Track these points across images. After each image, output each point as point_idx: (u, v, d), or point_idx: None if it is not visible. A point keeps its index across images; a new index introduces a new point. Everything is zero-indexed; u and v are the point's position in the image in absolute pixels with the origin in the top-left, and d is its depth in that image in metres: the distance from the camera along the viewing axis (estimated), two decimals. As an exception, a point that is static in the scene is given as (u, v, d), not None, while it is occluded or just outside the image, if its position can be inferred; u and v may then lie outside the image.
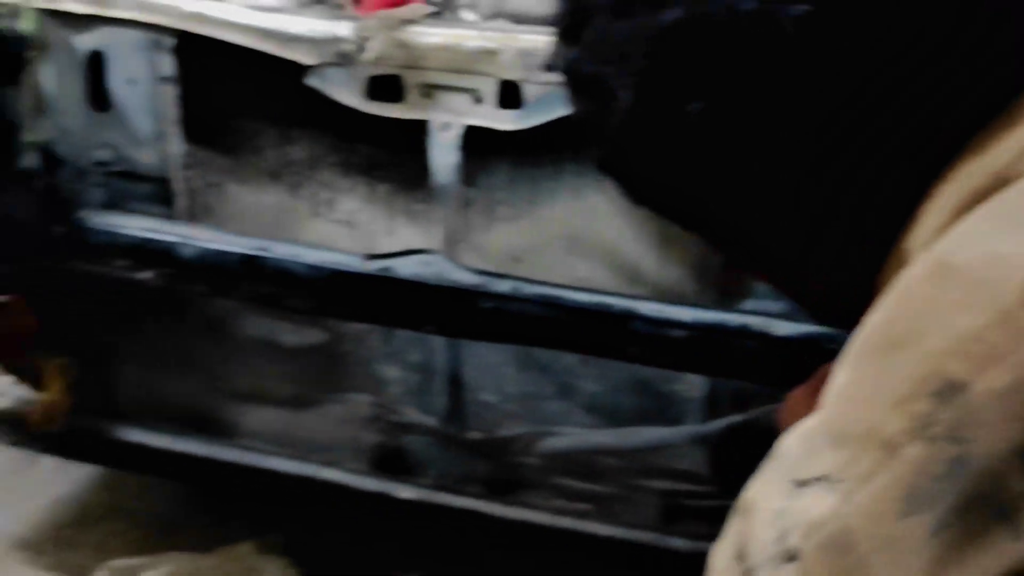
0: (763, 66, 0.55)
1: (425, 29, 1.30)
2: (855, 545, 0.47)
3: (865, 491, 0.47)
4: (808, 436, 0.54)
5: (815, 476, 0.51)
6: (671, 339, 1.08)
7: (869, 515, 0.47)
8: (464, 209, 1.41)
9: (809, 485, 0.51)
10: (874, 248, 0.58)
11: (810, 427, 0.55)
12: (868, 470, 0.47)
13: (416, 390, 1.53)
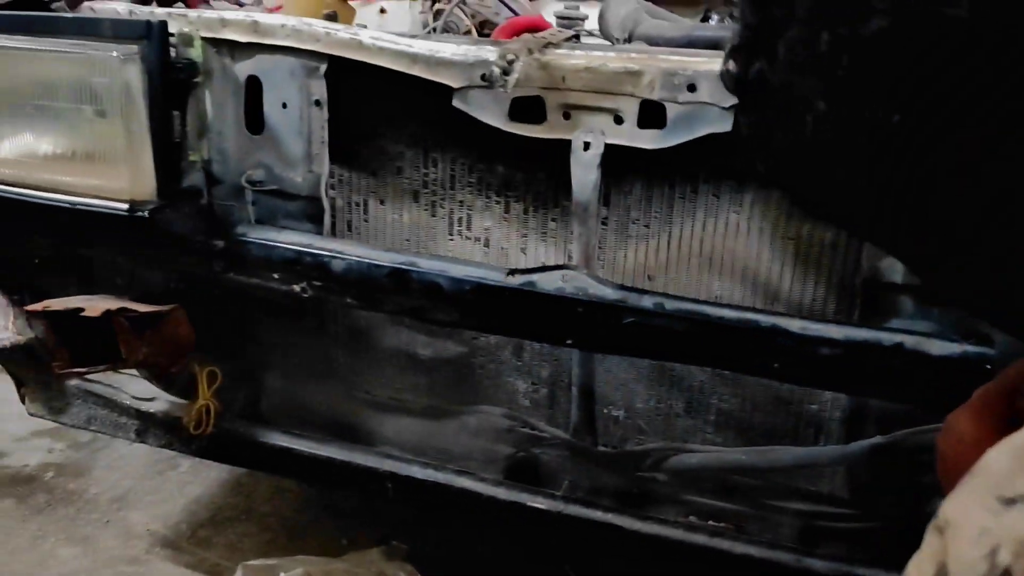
0: (971, 72, 0.55)
1: (567, 51, 1.33)
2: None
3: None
4: (1017, 453, 0.54)
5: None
6: (820, 357, 1.08)
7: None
8: (598, 227, 1.44)
9: (1018, 503, 0.51)
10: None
11: (1018, 444, 0.54)
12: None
13: (547, 403, 1.56)
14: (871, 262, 1.20)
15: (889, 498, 1.27)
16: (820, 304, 1.34)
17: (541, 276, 1.23)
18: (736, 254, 1.37)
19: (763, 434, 1.41)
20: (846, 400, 1.30)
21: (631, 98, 1.26)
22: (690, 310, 1.15)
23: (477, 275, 1.25)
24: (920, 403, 1.11)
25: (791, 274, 1.35)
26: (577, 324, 1.21)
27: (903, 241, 0.68)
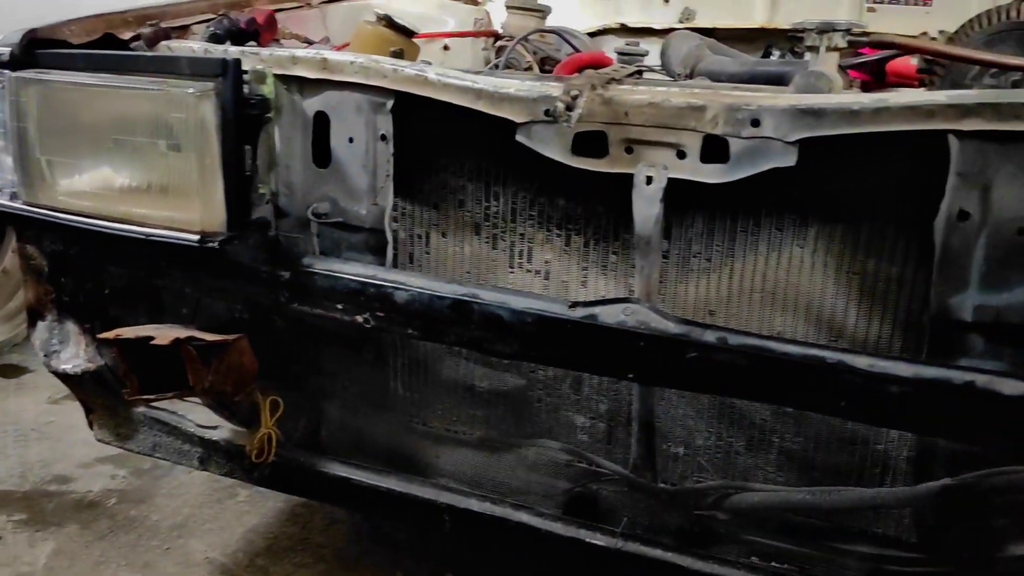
0: None
1: (630, 87, 1.34)
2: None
3: None
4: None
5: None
6: (888, 395, 1.05)
7: None
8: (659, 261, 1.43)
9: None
10: None
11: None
12: None
13: (605, 439, 1.55)
14: (940, 299, 1.17)
15: (958, 542, 1.23)
16: (886, 341, 1.31)
17: (603, 309, 1.23)
18: (799, 289, 1.36)
19: (827, 473, 1.38)
20: (913, 440, 1.27)
21: (694, 133, 1.26)
22: (754, 345, 1.13)
23: (539, 307, 1.26)
24: (992, 444, 1.08)
25: (856, 310, 1.33)
26: (639, 358, 1.21)
27: None
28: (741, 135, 1.22)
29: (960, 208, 1.14)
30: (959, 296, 1.17)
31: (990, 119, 1.10)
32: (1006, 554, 1.22)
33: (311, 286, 1.43)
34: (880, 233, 1.29)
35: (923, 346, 1.22)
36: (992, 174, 1.12)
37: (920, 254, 1.25)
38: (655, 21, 2.85)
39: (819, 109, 1.17)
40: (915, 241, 1.26)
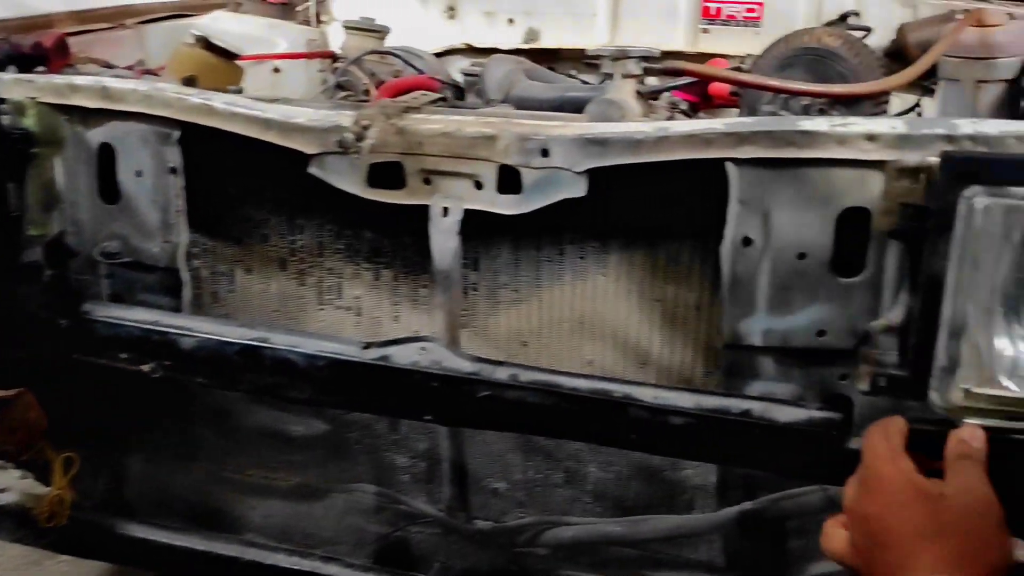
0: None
1: (425, 116, 1.31)
2: None
3: None
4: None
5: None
6: (672, 426, 1.04)
7: None
8: (468, 294, 1.40)
9: None
10: None
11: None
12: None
13: (427, 479, 1.50)
14: (731, 324, 1.17)
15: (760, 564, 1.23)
16: (688, 367, 1.31)
17: (397, 349, 1.18)
18: (605, 317, 1.34)
19: (641, 503, 1.37)
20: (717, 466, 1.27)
21: (488, 163, 1.23)
22: (544, 381, 1.11)
23: (331, 350, 1.20)
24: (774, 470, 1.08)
25: (659, 336, 1.32)
26: (433, 399, 1.16)
27: None
28: (532, 165, 1.19)
29: (744, 234, 1.15)
30: (748, 321, 1.17)
31: (765, 146, 1.10)
32: (805, 574, 1.23)
33: (92, 334, 1.32)
34: (676, 259, 1.29)
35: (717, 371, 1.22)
36: (771, 201, 1.13)
37: (714, 280, 1.26)
38: (500, 41, 2.83)
39: (604, 138, 1.16)
40: (708, 267, 1.26)
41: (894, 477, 0.81)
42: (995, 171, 0.87)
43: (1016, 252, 0.87)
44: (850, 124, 1.09)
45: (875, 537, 0.80)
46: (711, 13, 2.73)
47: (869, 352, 0.99)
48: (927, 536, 0.77)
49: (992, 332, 0.90)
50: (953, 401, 0.92)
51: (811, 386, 1.18)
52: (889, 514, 0.80)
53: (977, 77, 1.54)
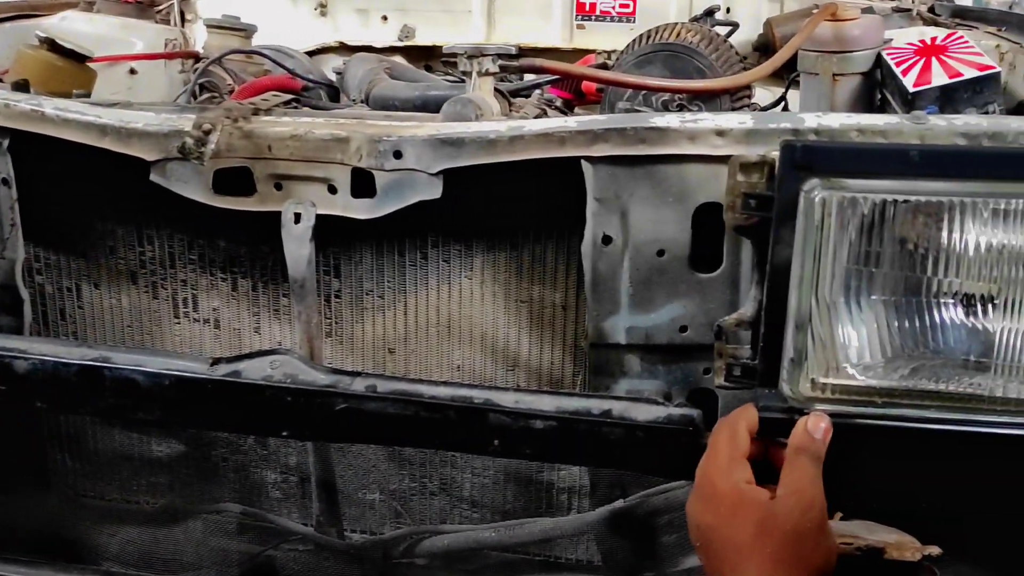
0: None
1: (274, 119, 1.25)
2: None
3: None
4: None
5: None
6: (535, 430, 1.02)
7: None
8: (331, 301, 1.35)
9: None
10: None
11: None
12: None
13: (299, 494, 1.44)
14: (595, 323, 1.16)
15: (635, 561, 1.23)
16: (558, 368, 1.30)
17: (248, 364, 1.12)
18: (472, 320, 1.32)
19: (518, 507, 1.35)
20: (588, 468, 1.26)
21: (342, 166, 1.19)
22: (404, 391, 1.07)
23: (178, 368, 1.13)
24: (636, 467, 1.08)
25: (528, 338, 1.30)
26: (289, 414, 1.11)
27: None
28: (385, 167, 1.15)
29: (603, 233, 1.14)
30: (612, 319, 1.17)
31: (617, 144, 1.10)
32: (677, 568, 1.23)
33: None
34: (541, 260, 1.27)
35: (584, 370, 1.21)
36: (628, 198, 1.12)
37: (578, 280, 1.24)
38: (375, 39, 2.77)
39: (458, 138, 1.13)
40: (572, 267, 1.25)
41: (726, 490, 0.82)
42: (832, 162, 0.88)
43: (853, 242, 0.89)
44: (700, 120, 1.09)
45: (710, 546, 0.81)
46: (586, 9, 2.74)
47: (723, 346, 0.99)
48: (753, 545, 0.78)
49: (835, 322, 0.91)
50: (802, 392, 0.93)
51: (676, 382, 1.18)
52: (721, 524, 0.81)
53: (833, 70, 1.58)
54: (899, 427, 0.90)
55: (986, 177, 0.85)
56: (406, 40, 2.80)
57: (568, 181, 1.14)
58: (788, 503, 0.80)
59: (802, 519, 0.79)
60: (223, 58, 2.11)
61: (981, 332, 0.87)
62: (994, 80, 1.43)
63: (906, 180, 0.87)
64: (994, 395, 0.87)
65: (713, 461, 0.85)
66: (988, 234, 0.85)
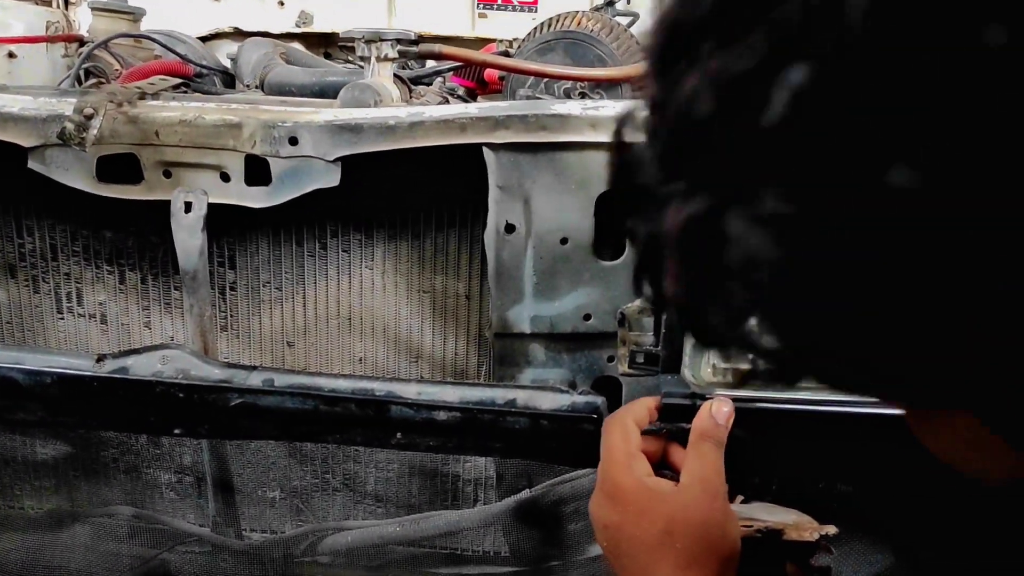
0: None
1: (161, 103, 1.19)
2: None
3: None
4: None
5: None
6: (439, 422, 1.01)
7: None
8: (226, 294, 1.30)
9: None
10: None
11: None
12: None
13: (195, 494, 1.39)
14: (500, 312, 1.15)
15: (542, 551, 1.23)
16: (462, 358, 1.29)
17: (136, 360, 1.07)
18: (375, 312, 1.29)
19: (423, 501, 1.33)
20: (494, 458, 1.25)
21: (234, 153, 1.14)
22: (302, 384, 1.04)
23: (60, 365, 1.07)
24: (543, 457, 1.07)
25: (431, 329, 1.28)
26: (181, 411, 1.06)
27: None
28: (280, 154, 1.11)
29: (506, 221, 1.13)
30: (516, 308, 1.16)
31: (519, 131, 1.08)
32: (584, 555, 1.23)
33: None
34: (443, 249, 1.25)
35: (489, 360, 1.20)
36: (530, 186, 1.11)
37: (482, 269, 1.23)
38: (271, 25, 2.69)
39: (356, 125, 1.10)
40: (476, 256, 1.24)
41: (630, 486, 0.80)
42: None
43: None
44: (601, 107, 1.09)
45: (618, 546, 0.79)
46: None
47: (626, 333, 1.00)
48: (664, 542, 0.77)
49: (734, 308, 0.92)
50: (703, 377, 0.94)
51: (581, 370, 1.18)
52: (628, 523, 0.79)
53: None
54: (794, 409, 0.92)
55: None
56: (304, 26, 2.73)
57: (469, 168, 1.13)
58: (694, 492, 0.79)
59: (709, 509, 0.78)
60: (109, 42, 2.01)
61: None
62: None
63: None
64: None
65: (611, 457, 0.84)
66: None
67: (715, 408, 0.87)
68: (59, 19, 2.32)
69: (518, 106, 1.10)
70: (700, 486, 0.81)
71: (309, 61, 1.70)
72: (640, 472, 0.83)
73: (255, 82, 1.52)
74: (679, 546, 0.78)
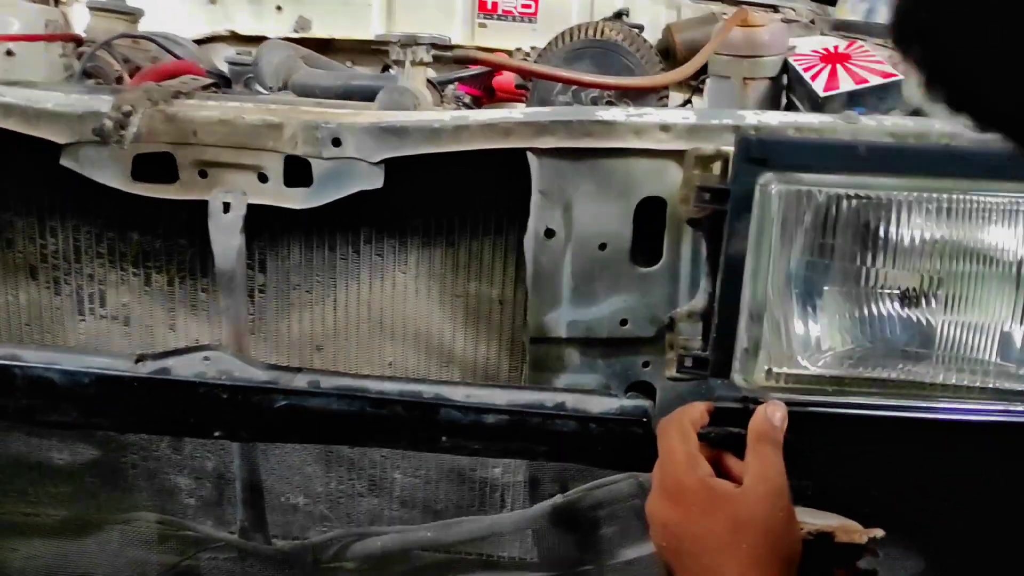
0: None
1: (199, 102, 1.18)
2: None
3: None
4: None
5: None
6: (487, 425, 1.01)
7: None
8: (255, 297, 1.29)
9: None
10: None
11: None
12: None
13: (216, 500, 1.37)
14: (536, 317, 1.15)
15: (574, 556, 1.23)
16: (494, 363, 1.29)
17: (177, 361, 1.06)
18: (406, 316, 1.29)
19: (451, 506, 1.33)
20: (525, 463, 1.25)
21: (274, 153, 1.13)
22: (349, 387, 1.03)
23: (98, 365, 1.05)
24: (590, 460, 1.08)
25: (463, 334, 1.28)
26: (224, 413, 1.05)
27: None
28: (323, 155, 1.11)
29: (546, 226, 1.13)
30: (553, 313, 1.16)
31: (563, 137, 1.09)
32: (618, 560, 1.24)
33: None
34: (478, 255, 1.25)
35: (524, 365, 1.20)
36: (571, 191, 1.12)
37: (517, 273, 1.23)
38: (268, 29, 2.67)
39: (401, 127, 1.10)
40: (511, 260, 1.24)
41: (693, 486, 0.81)
42: (786, 156, 0.91)
43: (807, 235, 0.92)
44: (645, 115, 1.10)
45: (680, 544, 0.80)
46: (488, 7, 2.73)
47: (675, 337, 1.01)
48: (729, 543, 0.78)
49: (788, 313, 0.93)
50: (755, 381, 0.95)
51: (615, 375, 1.19)
52: (691, 523, 0.80)
53: (744, 74, 1.63)
54: (848, 414, 0.94)
55: (929, 173, 0.90)
56: (301, 32, 2.71)
57: (507, 174, 1.13)
58: (758, 492, 0.80)
59: (773, 509, 0.79)
60: (112, 42, 1.99)
61: (924, 323, 0.92)
62: (896, 87, 1.51)
63: (855, 175, 0.90)
64: (935, 382, 0.92)
65: (672, 458, 0.85)
66: (931, 229, 0.90)
67: (770, 411, 0.88)
68: (58, 18, 2.28)
69: (563, 112, 1.11)
70: (764, 487, 0.82)
71: (326, 65, 1.69)
72: (703, 472, 0.84)
73: (278, 84, 1.51)
74: (744, 546, 0.79)
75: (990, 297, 0.92)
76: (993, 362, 0.94)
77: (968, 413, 0.94)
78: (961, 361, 0.92)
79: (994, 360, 0.94)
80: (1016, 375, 0.94)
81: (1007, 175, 0.90)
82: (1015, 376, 0.94)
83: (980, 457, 0.98)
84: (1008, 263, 0.90)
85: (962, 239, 0.90)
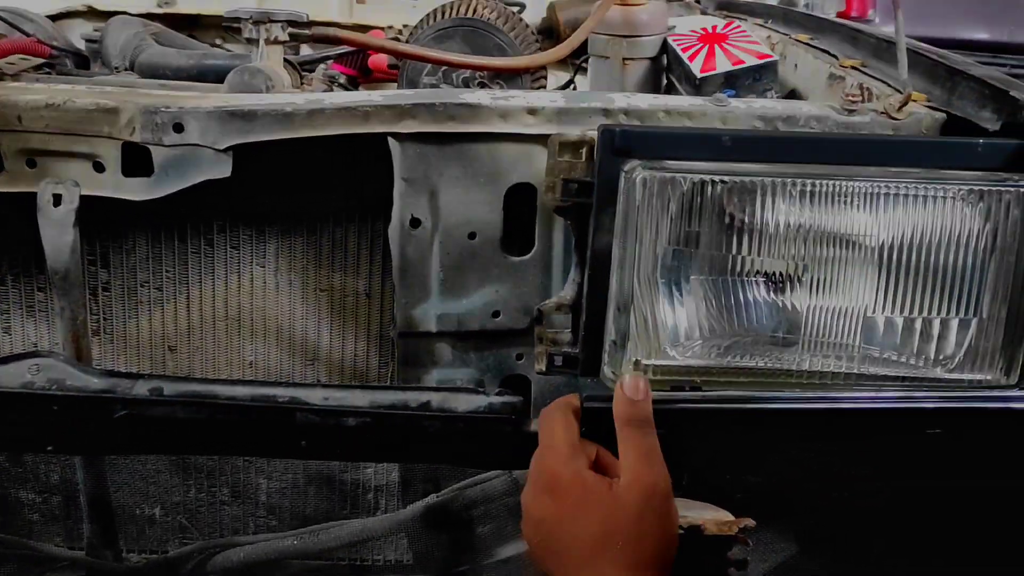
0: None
1: (23, 85, 1.07)
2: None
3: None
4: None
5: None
6: (348, 428, 0.95)
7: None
8: (98, 295, 1.19)
9: None
10: None
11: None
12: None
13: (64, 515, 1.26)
14: (404, 310, 1.10)
15: (449, 556, 1.18)
16: (362, 360, 1.23)
17: (2, 370, 0.95)
18: (267, 312, 1.21)
19: (321, 511, 1.26)
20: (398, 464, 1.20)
21: (110, 140, 1.04)
22: (196, 392, 0.96)
23: (-92, 378, 0.94)
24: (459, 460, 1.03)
25: (328, 330, 1.22)
26: (55, 425, 0.96)
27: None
28: (164, 142, 1.02)
29: (411, 215, 1.07)
30: (422, 306, 1.11)
31: (426, 121, 1.03)
32: (494, 559, 1.20)
33: None
34: (342, 245, 1.18)
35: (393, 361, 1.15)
36: (437, 178, 1.06)
37: (384, 265, 1.17)
38: (129, 4, 2.50)
39: (249, 111, 1.02)
40: (377, 252, 1.18)
41: (569, 479, 0.77)
42: (649, 147, 0.87)
43: (672, 223, 0.89)
44: (511, 97, 1.05)
45: (554, 541, 0.77)
46: (366, -16, 2.64)
47: (543, 331, 0.97)
48: (603, 540, 0.75)
49: (656, 303, 0.91)
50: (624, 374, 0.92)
51: (489, 369, 1.14)
52: (565, 517, 0.76)
53: (624, 55, 1.60)
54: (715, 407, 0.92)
55: (792, 159, 0.88)
56: (166, 7, 2.55)
57: (370, 160, 1.07)
58: (632, 491, 0.77)
59: (646, 508, 0.76)
60: (-54, 17, 1.82)
61: (790, 309, 0.90)
62: (772, 68, 1.51)
63: (720, 163, 0.88)
64: (802, 369, 0.91)
65: (551, 450, 0.81)
66: (795, 214, 0.88)
67: (628, 384, 0.84)
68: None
69: (425, 95, 1.05)
70: (637, 485, 0.79)
71: (182, 43, 1.58)
72: (580, 464, 0.80)
73: (124, 64, 1.39)
74: (618, 546, 0.76)
75: (854, 281, 0.91)
76: (857, 346, 0.93)
77: (836, 401, 0.94)
78: (827, 347, 0.91)
79: (858, 344, 0.93)
80: (880, 359, 0.94)
81: (870, 160, 0.89)
82: (879, 360, 0.94)
83: (850, 442, 0.98)
84: (870, 247, 0.90)
85: (826, 224, 0.88)
